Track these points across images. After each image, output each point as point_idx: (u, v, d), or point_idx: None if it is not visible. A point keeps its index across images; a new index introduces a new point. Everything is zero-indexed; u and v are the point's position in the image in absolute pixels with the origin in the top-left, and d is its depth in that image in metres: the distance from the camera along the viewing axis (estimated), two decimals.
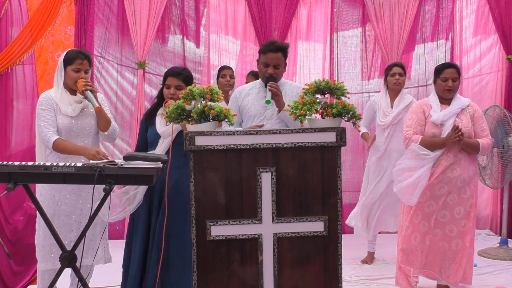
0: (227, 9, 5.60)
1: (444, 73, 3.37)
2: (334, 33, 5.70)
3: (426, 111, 3.38)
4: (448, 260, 3.31)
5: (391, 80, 4.34)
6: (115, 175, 2.33)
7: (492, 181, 4.77)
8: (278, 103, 2.93)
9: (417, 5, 5.57)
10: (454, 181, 3.25)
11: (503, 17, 5.46)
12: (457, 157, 3.26)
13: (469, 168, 3.29)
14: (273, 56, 2.97)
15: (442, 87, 3.37)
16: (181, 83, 2.96)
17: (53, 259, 2.88)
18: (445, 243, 3.30)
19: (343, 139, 2.14)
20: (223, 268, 2.13)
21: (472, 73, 5.74)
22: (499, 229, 5.34)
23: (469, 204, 3.29)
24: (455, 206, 3.28)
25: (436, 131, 3.29)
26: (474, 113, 3.37)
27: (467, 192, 3.29)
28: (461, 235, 3.29)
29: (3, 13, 4.67)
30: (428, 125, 3.34)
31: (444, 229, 3.30)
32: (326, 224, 2.14)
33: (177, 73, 2.99)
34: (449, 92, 3.37)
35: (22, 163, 2.38)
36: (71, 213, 2.93)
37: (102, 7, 5.25)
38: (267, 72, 2.99)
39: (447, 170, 3.25)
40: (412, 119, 3.39)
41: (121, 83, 5.39)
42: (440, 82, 3.38)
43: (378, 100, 4.45)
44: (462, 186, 3.27)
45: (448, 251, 3.30)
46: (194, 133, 2.11)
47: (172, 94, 2.95)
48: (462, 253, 3.29)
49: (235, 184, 2.13)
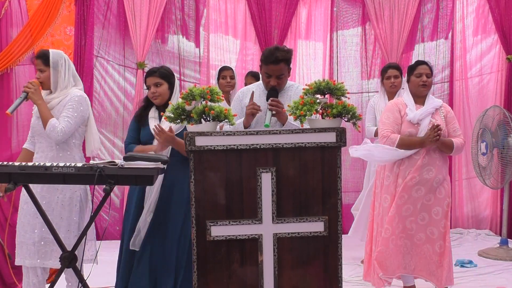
0: (227, 9, 5.60)
1: (418, 69, 3.39)
2: (334, 33, 5.70)
3: (401, 110, 3.37)
4: (434, 264, 3.28)
5: (387, 83, 4.37)
6: (115, 175, 2.33)
7: (492, 182, 4.77)
8: (281, 119, 2.78)
9: (417, 5, 5.56)
10: (430, 182, 3.25)
11: (502, 17, 5.46)
12: (432, 158, 3.26)
13: (443, 168, 3.31)
14: (274, 68, 2.81)
15: (416, 83, 3.37)
16: (158, 80, 2.97)
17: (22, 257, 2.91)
18: (429, 246, 3.28)
19: (343, 139, 2.14)
20: (223, 268, 2.13)
21: (473, 73, 5.73)
22: (499, 229, 5.34)
23: (446, 204, 3.29)
24: (432, 206, 3.27)
25: (412, 131, 3.29)
26: (447, 114, 3.39)
27: (442, 192, 3.29)
28: (442, 236, 3.27)
29: (3, 14, 4.68)
30: (404, 124, 3.33)
31: (425, 232, 3.28)
32: (326, 224, 2.14)
33: (152, 71, 3.02)
34: (424, 88, 3.37)
35: (22, 164, 2.39)
36: (36, 212, 2.83)
37: (101, 8, 5.25)
38: (269, 84, 2.85)
39: (423, 172, 3.24)
40: (388, 118, 3.37)
41: (120, 84, 5.39)
42: (414, 78, 3.39)
43: (377, 101, 4.46)
44: (437, 187, 3.28)
45: (433, 255, 3.28)
46: (194, 133, 2.11)
47: (153, 92, 2.97)
48: (444, 254, 3.27)
49: (235, 184, 2.13)
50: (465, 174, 5.71)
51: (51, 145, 2.93)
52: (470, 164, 5.36)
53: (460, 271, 4.21)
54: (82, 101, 2.97)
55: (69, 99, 2.94)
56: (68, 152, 2.96)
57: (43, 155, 2.94)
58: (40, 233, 2.87)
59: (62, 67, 2.96)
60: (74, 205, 2.94)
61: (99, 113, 5.30)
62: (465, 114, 5.66)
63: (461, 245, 5.09)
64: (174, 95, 3.02)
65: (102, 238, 4.69)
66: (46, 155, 2.93)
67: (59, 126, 2.85)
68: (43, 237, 2.87)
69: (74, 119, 2.90)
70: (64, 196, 2.90)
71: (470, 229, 5.64)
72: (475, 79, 5.73)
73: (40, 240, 2.87)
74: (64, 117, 2.89)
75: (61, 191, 2.90)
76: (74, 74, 3.06)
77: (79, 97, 2.96)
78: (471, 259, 4.49)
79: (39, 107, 2.88)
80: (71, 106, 2.92)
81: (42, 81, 2.96)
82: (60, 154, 2.93)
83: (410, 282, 3.45)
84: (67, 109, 2.91)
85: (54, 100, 2.95)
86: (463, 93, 5.67)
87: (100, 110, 5.31)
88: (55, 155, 2.92)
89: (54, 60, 2.95)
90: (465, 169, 5.68)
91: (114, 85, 5.36)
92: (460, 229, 5.61)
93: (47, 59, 2.95)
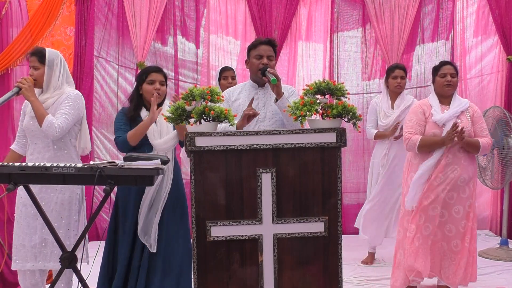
0: (227, 9, 5.60)
1: (442, 70, 3.41)
2: (334, 34, 5.70)
3: (426, 112, 3.38)
4: (447, 261, 3.30)
5: (392, 83, 4.33)
6: (115, 176, 2.32)
7: (492, 182, 4.77)
8: (278, 88, 2.80)
9: (417, 6, 5.57)
10: (455, 181, 3.26)
11: (503, 17, 5.46)
12: (457, 157, 3.27)
13: (469, 168, 3.30)
14: (265, 48, 2.90)
15: (441, 83, 3.38)
16: (163, 79, 2.99)
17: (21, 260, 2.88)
18: (444, 243, 3.30)
19: (343, 140, 2.14)
20: (223, 268, 2.13)
21: (473, 74, 5.73)
22: (499, 230, 5.34)
23: (468, 204, 3.29)
24: (454, 205, 3.28)
25: (437, 131, 3.30)
26: (474, 114, 3.40)
27: (466, 191, 3.30)
28: (460, 235, 3.28)
29: (3, 14, 4.68)
30: (429, 125, 3.34)
31: (443, 229, 3.29)
32: (326, 224, 2.14)
33: (159, 69, 3.02)
34: (449, 88, 3.38)
35: (22, 164, 2.38)
36: (36, 214, 2.85)
37: (102, 8, 5.25)
38: (261, 63, 2.89)
39: (447, 170, 3.26)
40: (411, 120, 3.40)
41: (121, 84, 5.39)
42: (439, 79, 3.41)
43: (379, 101, 4.45)
44: (462, 186, 3.28)
45: (447, 251, 3.29)
46: (195, 133, 2.11)
47: (157, 89, 2.95)
48: (461, 253, 3.28)
49: (235, 184, 2.13)
50: None
51: (48, 145, 2.89)
52: None
53: None
54: (78, 99, 2.94)
55: (66, 97, 2.90)
56: (66, 151, 2.93)
57: (39, 156, 2.90)
58: (41, 235, 2.86)
59: (57, 67, 2.93)
60: (74, 203, 2.93)
61: (99, 113, 5.30)
62: None
63: None
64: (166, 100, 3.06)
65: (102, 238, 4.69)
66: (43, 156, 2.89)
67: (56, 122, 2.80)
68: (44, 238, 2.86)
69: (71, 116, 2.87)
70: (63, 195, 2.89)
71: None
72: (476, 79, 5.73)
73: (41, 242, 2.86)
74: (62, 114, 2.85)
75: (60, 190, 2.88)
76: (68, 75, 3.02)
77: (76, 95, 2.93)
78: None
79: (33, 104, 2.81)
80: (68, 103, 2.88)
81: (36, 78, 2.91)
82: (58, 154, 2.90)
83: (441, 282, 3.45)
84: (64, 106, 2.87)
85: (49, 100, 2.91)
86: (463, 93, 5.66)
87: (100, 111, 5.31)
88: (52, 155, 2.89)
89: (50, 59, 2.91)
90: None
91: (114, 85, 5.36)
92: None
93: (42, 56, 2.91)
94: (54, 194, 2.88)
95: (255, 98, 2.94)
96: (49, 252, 2.88)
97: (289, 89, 2.98)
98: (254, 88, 3.00)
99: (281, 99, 2.80)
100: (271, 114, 2.93)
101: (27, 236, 2.87)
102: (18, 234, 2.91)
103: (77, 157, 3.01)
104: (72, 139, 2.98)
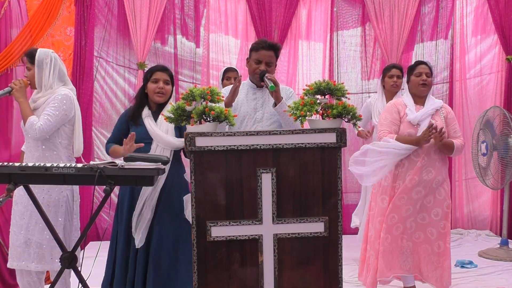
0: (227, 9, 5.60)
1: (418, 69, 3.39)
2: (334, 33, 5.69)
3: (401, 111, 3.36)
4: (433, 264, 3.26)
5: (388, 82, 4.34)
6: (115, 176, 2.33)
7: (492, 182, 4.77)
8: (277, 94, 2.82)
9: (417, 5, 5.56)
10: (430, 184, 3.24)
11: (502, 17, 5.45)
12: (432, 159, 3.25)
13: (442, 169, 3.29)
14: (265, 53, 2.91)
15: (416, 82, 3.36)
16: (168, 78, 2.99)
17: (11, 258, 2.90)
18: (428, 246, 3.28)
19: (344, 140, 2.14)
20: (223, 269, 2.13)
21: (472, 74, 5.73)
22: (500, 230, 5.34)
23: (446, 205, 3.28)
24: (432, 208, 3.27)
25: (412, 131, 3.28)
26: (448, 115, 3.38)
27: (442, 193, 3.28)
28: (441, 237, 3.26)
29: (3, 14, 4.67)
30: (403, 125, 3.33)
31: (425, 232, 3.27)
32: (326, 225, 2.14)
33: (164, 68, 3.03)
34: (424, 87, 3.36)
35: (22, 164, 2.38)
36: (23, 213, 2.88)
37: (102, 8, 5.25)
38: (259, 69, 2.91)
39: (422, 173, 3.23)
40: (386, 119, 3.37)
41: (121, 84, 5.39)
42: (414, 78, 3.39)
43: (374, 101, 4.45)
44: (437, 188, 3.27)
45: (432, 255, 3.27)
46: (195, 134, 2.11)
47: (161, 88, 2.95)
48: (444, 255, 3.26)
49: (235, 185, 2.13)
50: (465, 174, 5.70)
51: (37, 144, 2.89)
52: (470, 164, 5.36)
53: (461, 271, 4.21)
54: (66, 100, 2.91)
55: (53, 97, 2.90)
56: (55, 152, 2.92)
57: (30, 155, 2.92)
58: (26, 234, 2.85)
59: (46, 66, 2.92)
60: (60, 205, 2.90)
61: (99, 113, 5.30)
62: (465, 114, 5.65)
63: (461, 246, 5.09)
64: (172, 98, 3.05)
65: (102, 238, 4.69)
66: (33, 155, 2.90)
67: (37, 123, 2.80)
68: (28, 238, 2.85)
69: (54, 117, 2.84)
70: (50, 196, 2.87)
71: (470, 229, 5.63)
72: (475, 79, 5.72)
73: (25, 241, 2.85)
74: (44, 115, 2.84)
75: (46, 191, 2.86)
76: (62, 74, 2.99)
77: (63, 95, 2.91)
78: (471, 259, 4.48)
79: (20, 105, 2.87)
80: (53, 105, 2.87)
81: (29, 79, 2.94)
82: (46, 154, 2.89)
83: (410, 283, 3.44)
84: (48, 107, 2.87)
85: (40, 99, 2.92)
86: (462, 93, 5.66)
87: (101, 111, 5.31)
88: (41, 154, 2.89)
89: (40, 59, 2.91)
90: (465, 169, 5.68)
91: (114, 85, 5.35)
92: (460, 229, 5.61)
93: (32, 57, 2.93)
94: (41, 195, 2.84)
95: (253, 98, 2.96)
96: (32, 253, 2.86)
97: (288, 91, 2.99)
98: (251, 88, 3.02)
99: (280, 104, 2.82)
100: (269, 115, 2.95)
101: (14, 235, 2.89)
102: (10, 232, 2.94)
103: (68, 159, 2.97)
104: (62, 141, 2.95)
